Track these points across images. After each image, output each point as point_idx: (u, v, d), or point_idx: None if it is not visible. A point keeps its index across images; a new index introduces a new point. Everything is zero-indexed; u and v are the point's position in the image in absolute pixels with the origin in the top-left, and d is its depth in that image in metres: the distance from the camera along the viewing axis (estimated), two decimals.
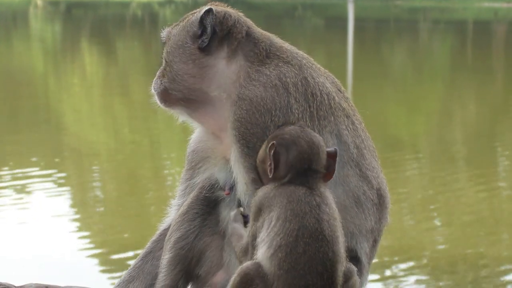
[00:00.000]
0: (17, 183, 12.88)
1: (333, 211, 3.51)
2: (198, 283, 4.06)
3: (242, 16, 4.08)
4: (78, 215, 11.81)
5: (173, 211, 4.23)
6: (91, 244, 10.52)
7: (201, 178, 4.10)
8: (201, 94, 3.96)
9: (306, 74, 3.94)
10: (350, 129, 3.98)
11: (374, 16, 58.25)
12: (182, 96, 3.99)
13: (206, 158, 4.10)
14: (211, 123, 4.02)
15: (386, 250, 10.11)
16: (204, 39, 3.94)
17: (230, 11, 4.03)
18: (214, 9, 3.95)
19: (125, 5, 63.89)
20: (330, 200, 3.55)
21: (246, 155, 3.80)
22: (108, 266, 9.82)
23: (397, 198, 12.30)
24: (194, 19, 4.00)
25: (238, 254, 3.64)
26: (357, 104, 4.21)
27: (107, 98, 22.77)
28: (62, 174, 13.90)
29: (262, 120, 3.78)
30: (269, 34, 4.09)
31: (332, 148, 3.72)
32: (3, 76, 26.63)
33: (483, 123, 19.77)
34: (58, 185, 13.01)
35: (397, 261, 10.09)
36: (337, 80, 4.14)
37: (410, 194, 13.16)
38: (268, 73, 3.88)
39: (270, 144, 3.62)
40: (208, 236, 4.04)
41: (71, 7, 62.31)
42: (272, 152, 3.60)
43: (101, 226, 11.46)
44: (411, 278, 9.64)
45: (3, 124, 18.18)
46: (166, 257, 4.02)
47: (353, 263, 3.74)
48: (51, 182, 13.11)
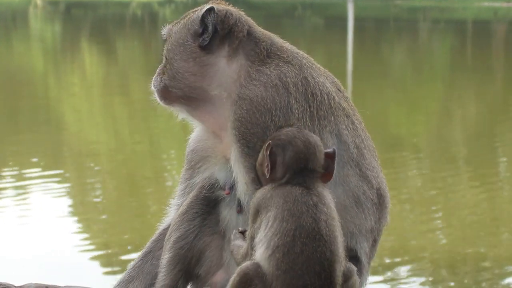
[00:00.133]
0: (17, 183, 12.88)
1: (331, 211, 3.50)
2: (198, 283, 4.05)
3: (243, 15, 4.07)
4: (78, 215, 11.81)
5: (172, 211, 4.22)
6: (91, 244, 10.52)
7: (200, 177, 4.10)
8: (201, 93, 3.95)
9: (306, 74, 3.94)
10: (350, 128, 3.98)
11: (374, 15, 58.24)
12: (182, 94, 3.98)
13: (206, 157, 4.09)
14: (211, 122, 4.01)
15: (386, 250, 10.11)
16: (205, 38, 3.93)
17: (231, 10, 4.02)
18: (216, 7, 3.94)
19: (124, 4, 63.87)
20: (328, 199, 3.54)
21: (246, 155, 3.80)
22: (108, 266, 9.81)
23: (397, 198, 12.29)
24: (195, 17, 3.98)
25: (238, 260, 3.63)
26: (357, 104, 4.20)
27: (107, 98, 22.76)
28: (62, 174, 13.89)
29: (262, 120, 3.78)
30: (270, 33, 4.08)
31: (330, 148, 3.71)
32: (3, 76, 26.62)
33: (483, 123, 19.76)
34: (58, 185, 13.00)
35: (397, 261, 10.08)
36: (336, 79, 4.14)
37: (410, 195, 13.15)
38: (268, 72, 3.87)
39: (266, 144, 3.62)
40: (208, 235, 4.04)
41: (71, 7, 62.29)
42: (268, 152, 3.60)
43: (101, 226, 11.45)
44: (412, 279, 9.63)
45: (3, 124, 18.17)
46: (165, 256, 4.02)
47: (353, 263, 3.72)
48: (51, 182, 13.10)
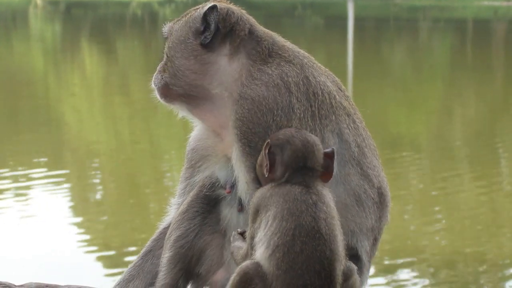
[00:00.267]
0: (17, 183, 12.88)
1: (330, 210, 3.49)
2: (198, 282, 4.05)
3: (245, 13, 4.06)
4: (79, 215, 11.81)
5: (173, 210, 4.21)
6: (92, 243, 10.52)
7: (201, 176, 4.09)
8: (202, 91, 3.94)
9: (307, 73, 3.93)
10: (351, 127, 3.97)
11: (374, 15, 58.23)
12: (182, 91, 3.97)
13: (206, 156, 4.08)
14: (212, 120, 4.00)
15: (387, 249, 10.11)
16: (207, 36, 3.92)
17: (233, 8, 4.00)
18: (218, 5, 3.93)
19: (125, 4, 63.86)
20: (328, 198, 3.53)
21: (248, 154, 3.79)
22: (109, 265, 9.81)
23: (397, 198, 12.29)
24: (197, 15, 3.97)
25: (238, 260, 3.62)
26: (357, 103, 4.21)
27: (108, 98, 22.76)
28: (63, 174, 13.89)
29: (264, 119, 3.77)
30: (271, 32, 4.08)
31: (329, 148, 3.71)
32: (3, 76, 26.61)
33: (483, 122, 19.76)
34: (58, 184, 13.00)
35: (397, 261, 10.08)
36: (337, 78, 4.14)
37: (411, 194, 13.15)
38: (270, 72, 3.87)
39: (265, 144, 3.63)
40: (208, 234, 4.03)
41: (71, 7, 62.28)
42: (267, 151, 3.60)
43: (101, 225, 11.46)
44: (412, 279, 9.63)
45: (3, 124, 18.17)
46: (166, 255, 4.01)
47: (353, 262, 3.72)
48: (52, 182, 13.10)
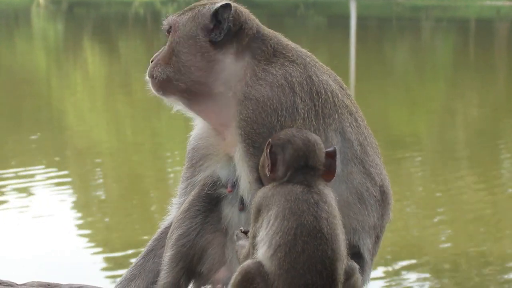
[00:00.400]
0: (19, 182, 12.88)
1: (332, 209, 3.48)
2: (200, 281, 4.04)
3: (249, 12, 4.06)
4: (81, 214, 11.82)
5: (174, 210, 4.21)
6: (94, 242, 10.53)
7: (202, 175, 4.08)
8: (204, 88, 3.93)
9: (310, 72, 3.93)
10: (354, 126, 3.98)
11: (376, 14, 58.24)
12: (185, 87, 3.95)
13: (207, 155, 4.08)
14: (213, 118, 3.99)
15: (389, 248, 10.11)
16: (218, 34, 3.90)
17: (240, 7, 4.01)
18: (223, 4, 3.91)
19: (127, 3, 63.89)
20: (330, 198, 3.52)
21: (252, 155, 3.79)
22: (110, 264, 9.82)
23: (400, 196, 12.29)
24: (206, 12, 3.95)
25: (241, 260, 3.62)
26: (359, 102, 4.20)
27: (110, 97, 22.77)
28: (65, 173, 13.90)
29: (268, 120, 3.77)
30: (274, 32, 4.08)
31: (331, 147, 3.71)
32: (6, 75, 26.64)
33: (486, 122, 19.75)
34: (60, 184, 13.01)
35: (400, 259, 10.08)
36: (338, 77, 4.14)
37: (413, 193, 13.15)
38: (274, 72, 3.86)
39: (267, 144, 3.63)
40: (210, 233, 4.03)
41: (73, 6, 62.33)
42: (268, 151, 3.60)
43: (103, 224, 11.47)
44: (414, 276, 9.63)
45: (6, 123, 18.19)
46: (167, 254, 4.01)
47: (355, 260, 3.72)
48: (54, 181, 13.11)
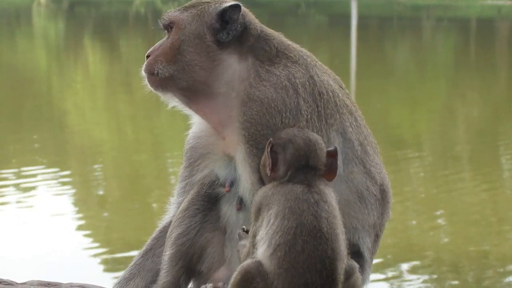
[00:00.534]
0: (20, 182, 12.88)
1: (332, 209, 3.48)
2: (200, 279, 4.04)
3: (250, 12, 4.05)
4: (81, 213, 11.82)
5: (172, 209, 4.20)
6: (94, 242, 10.53)
7: (200, 175, 4.07)
8: (206, 88, 3.91)
9: (312, 73, 3.93)
10: (354, 126, 3.98)
11: (377, 13, 58.22)
12: (186, 86, 3.93)
13: (205, 154, 4.07)
14: (213, 118, 3.97)
15: (389, 248, 10.10)
16: (226, 34, 3.88)
17: (244, 8, 3.99)
18: (232, 4, 3.89)
19: (128, 2, 63.88)
20: (330, 197, 3.52)
21: (255, 156, 3.79)
22: (111, 264, 9.82)
23: (400, 196, 12.28)
24: (212, 11, 3.93)
25: (243, 259, 3.61)
26: (360, 102, 4.20)
27: (111, 96, 22.77)
28: (65, 173, 13.90)
29: (272, 122, 3.77)
30: (275, 31, 4.07)
31: (332, 147, 3.71)
32: (7, 74, 26.64)
33: (487, 122, 19.75)
34: (61, 183, 13.01)
35: (400, 259, 10.08)
36: (337, 77, 4.14)
37: (414, 193, 13.14)
38: (278, 73, 3.86)
39: (268, 143, 3.63)
40: (209, 232, 4.03)
41: (74, 5, 62.33)
42: (269, 150, 3.60)
43: (103, 224, 11.47)
44: (415, 277, 9.62)
45: (7, 122, 18.19)
46: (167, 253, 4.00)
47: (355, 258, 3.73)
48: (54, 180, 13.11)
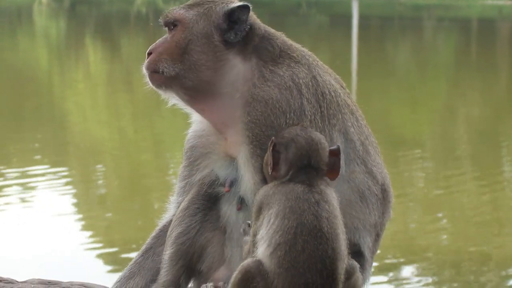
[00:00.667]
0: (21, 181, 12.89)
1: (333, 209, 3.47)
2: (200, 279, 4.04)
3: None
4: (82, 212, 11.82)
5: (172, 208, 4.20)
6: (94, 241, 10.53)
7: (200, 175, 4.07)
8: (210, 87, 3.90)
9: (315, 73, 3.94)
10: (355, 126, 3.99)
11: (378, 13, 58.21)
12: (191, 85, 3.91)
13: (206, 154, 4.06)
14: (215, 118, 3.96)
15: (390, 248, 10.10)
16: (234, 34, 3.87)
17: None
18: (240, 5, 3.89)
19: (129, 1, 63.87)
20: (331, 197, 3.51)
21: (258, 156, 3.79)
22: (111, 263, 9.82)
23: (401, 197, 12.27)
24: (219, 10, 3.91)
25: (244, 256, 3.62)
26: (361, 101, 4.20)
27: (112, 95, 22.77)
28: (66, 172, 13.90)
29: (277, 122, 3.77)
30: (277, 32, 4.07)
31: (335, 146, 3.71)
32: (8, 73, 26.64)
33: (487, 121, 19.74)
34: (62, 182, 13.01)
35: (401, 260, 10.07)
36: (338, 76, 4.14)
37: (415, 193, 13.14)
38: (281, 73, 3.86)
39: (270, 142, 3.63)
40: (209, 231, 4.02)
41: (75, 4, 62.33)
42: (271, 149, 3.60)
43: (104, 223, 11.47)
44: (415, 278, 9.62)
45: (8, 122, 18.19)
46: (167, 252, 4.01)
47: (356, 258, 3.74)
48: (55, 179, 13.11)
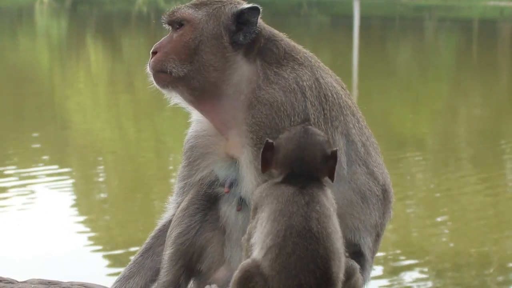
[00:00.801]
0: (21, 181, 12.89)
1: (324, 209, 3.44)
2: (200, 279, 4.04)
3: None
4: (82, 212, 11.82)
5: (171, 208, 4.20)
6: (95, 241, 10.53)
7: (200, 175, 4.07)
8: (214, 88, 3.89)
9: (317, 75, 3.94)
10: (357, 127, 3.99)
11: (380, 14, 58.21)
12: (198, 86, 3.90)
13: (206, 154, 4.06)
14: (218, 118, 3.96)
15: (391, 248, 10.10)
16: (243, 36, 3.86)
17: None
18: (250, 7, 3.88)
19: (130, 1, 63.90)
20: (323, 198, 3.48)
21: None
22: (112, 263, 9.82)
23: (402, 196, 12.28)
24: (228, 11, 3.90)
25: (244, 254, 3.62)
26: (362, 102, 4.21)
27: (113, 95, 22.77)
28: (66, 171, 13.91)
29: (281, 125, 3.77)
30: (280, 33, 4.06)
31: (334, 149, 3.70)
32: (9, 72, 26.65)
33: (488, 122, 19.74)
34: (62, 182, 13.01)
35: (402, 259, 10.08)
36: (338, 77, 4.14)
37: (415, 193, 13.14)
38: (286, 76, 3.85)
39: (265, 143, 3.60)
40: (209, 231, 4.03)
41: (77, 4, 62.36)
42: (263, 150, 3.58)
43: (105, 222, 11.47)
44: (415, 276, 9.63)
45: (8, 121, 18.20)
46: (167, 252, 4.01)
47: (356, 258, 3.75)
48: (55, 179, 13.12)
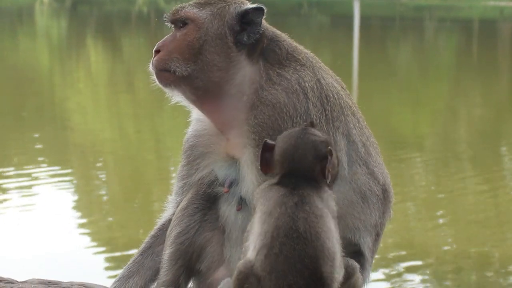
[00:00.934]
0: (21, 181, 12.89)
1: (314, 209, 3.43)
2: (200, 279, 4.04)
3: None
4: (82, 212, 11.82)
5: (170, 207, 4.20)
6: (96, 241, 10.53)
7: (200, 174, 4.06)
8: (217, 88, 3.88)
9: (318, 76, 3.94)
10: (357, 127, 3.99)
11: (380, 14, 58.24)
12: (201, 85, 3.89)
13: (206, 153, 4.06)
14: (219, 118, 3.95)
15: (391, 249, 10.10)
16: (247, 36, 3.86)
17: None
18: (254, 7, 3.88)
19: (130, 1, 63.92)
20: (314, 198, 3.47)
21: None
22: (112, 263, 9.82)
23: (402, 197, 12.27)
24: (233, 11, 3.90)
25: (243, 253, 3.63)
26: (362, 102, 4.21)
27: (113, 95, 22.78)
28: (67, 172, 13.91)
29: (284, 126, 3.76)
30: (282, 33, 4.06)
31: (331, 151, 3.70)
32: (9, 73, 26.66)
33: (489, 122, 19.74)
34: (62, 182, 13.01)
35: (402, 260, 10.08)
36: (338, 77, 4.14)
37: (415, 193, 13.14)
38: (288, 77, 3.85)
39: (263, 143, 3.60)
40: (208, 231, 4.03)
41: (77, 4, 62.39)
42: (261, 151, 3.58)
43: (105, 223, 11.47)
44: (416, 277, 9.62)
45: (9, 121, 18.20)
46: (167, 252, 4.01)
47: (356, 258, 3.75)
48: (56, 179, 13.11)
